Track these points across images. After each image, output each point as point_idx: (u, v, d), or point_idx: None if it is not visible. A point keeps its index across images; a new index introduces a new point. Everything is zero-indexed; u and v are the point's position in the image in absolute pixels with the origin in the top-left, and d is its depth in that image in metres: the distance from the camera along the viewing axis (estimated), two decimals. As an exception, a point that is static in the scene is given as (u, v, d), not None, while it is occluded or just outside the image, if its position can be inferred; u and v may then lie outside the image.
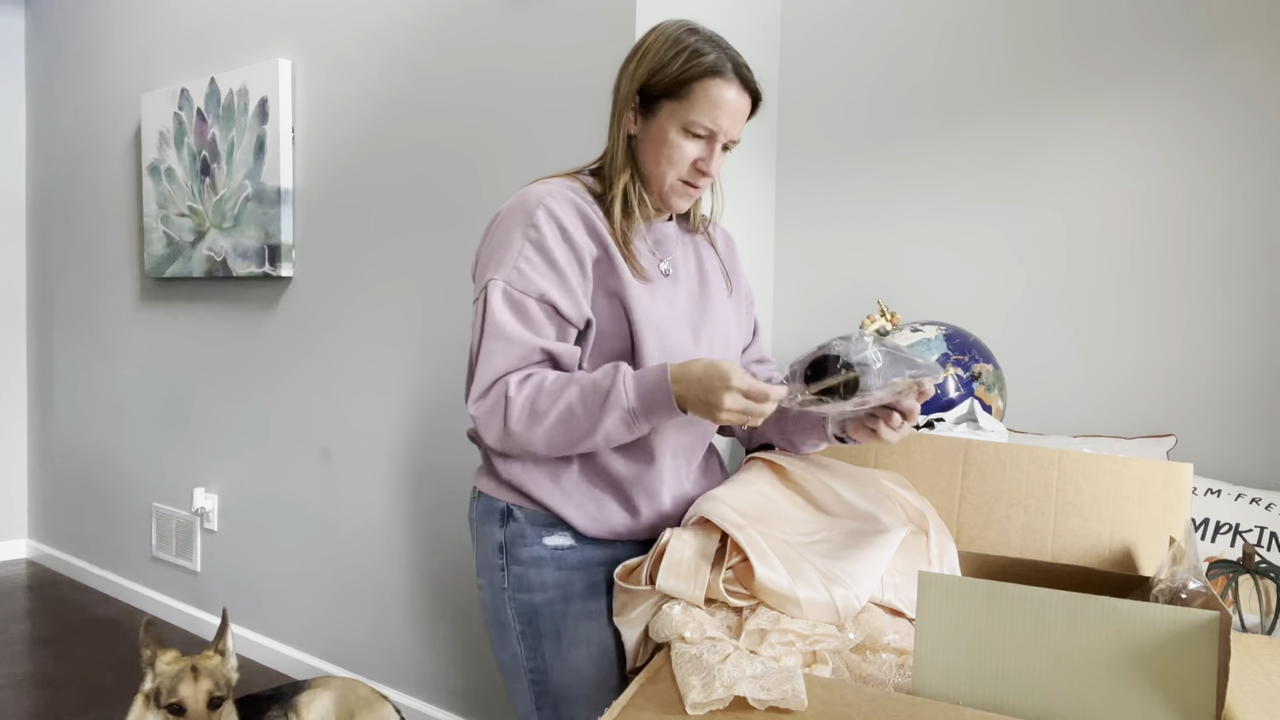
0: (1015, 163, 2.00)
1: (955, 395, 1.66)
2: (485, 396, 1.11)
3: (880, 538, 1.11)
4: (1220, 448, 1.77)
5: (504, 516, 1.19)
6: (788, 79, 2.32)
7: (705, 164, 1.17)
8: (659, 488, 1.20)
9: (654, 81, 1.15)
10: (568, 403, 1.07)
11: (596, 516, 1.17)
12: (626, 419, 1.06)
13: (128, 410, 3.34)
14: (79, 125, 3.55)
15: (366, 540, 2.50)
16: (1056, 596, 0.80)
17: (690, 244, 1.31)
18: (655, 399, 1.05)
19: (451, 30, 2.21)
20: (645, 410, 1.06)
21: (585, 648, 1.16)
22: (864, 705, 0.80)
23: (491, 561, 1.20)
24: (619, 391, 1.06)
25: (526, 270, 1.11)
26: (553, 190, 1.15)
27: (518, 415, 1.09)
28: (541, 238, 1.11)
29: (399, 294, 2.38)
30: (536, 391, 1.09)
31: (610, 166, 1.20)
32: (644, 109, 1.17)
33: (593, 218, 1.16)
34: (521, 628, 1.18)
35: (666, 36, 1.16)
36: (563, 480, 1.17)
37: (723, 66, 1.14)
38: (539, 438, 1.09)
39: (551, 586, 1.17)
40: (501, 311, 1.10)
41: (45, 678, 2.68)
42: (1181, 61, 1.81)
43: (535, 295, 1.10)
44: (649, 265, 1.20)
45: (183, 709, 1.57)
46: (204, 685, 1.60)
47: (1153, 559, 1.18)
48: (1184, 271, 1.81)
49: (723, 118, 1.14)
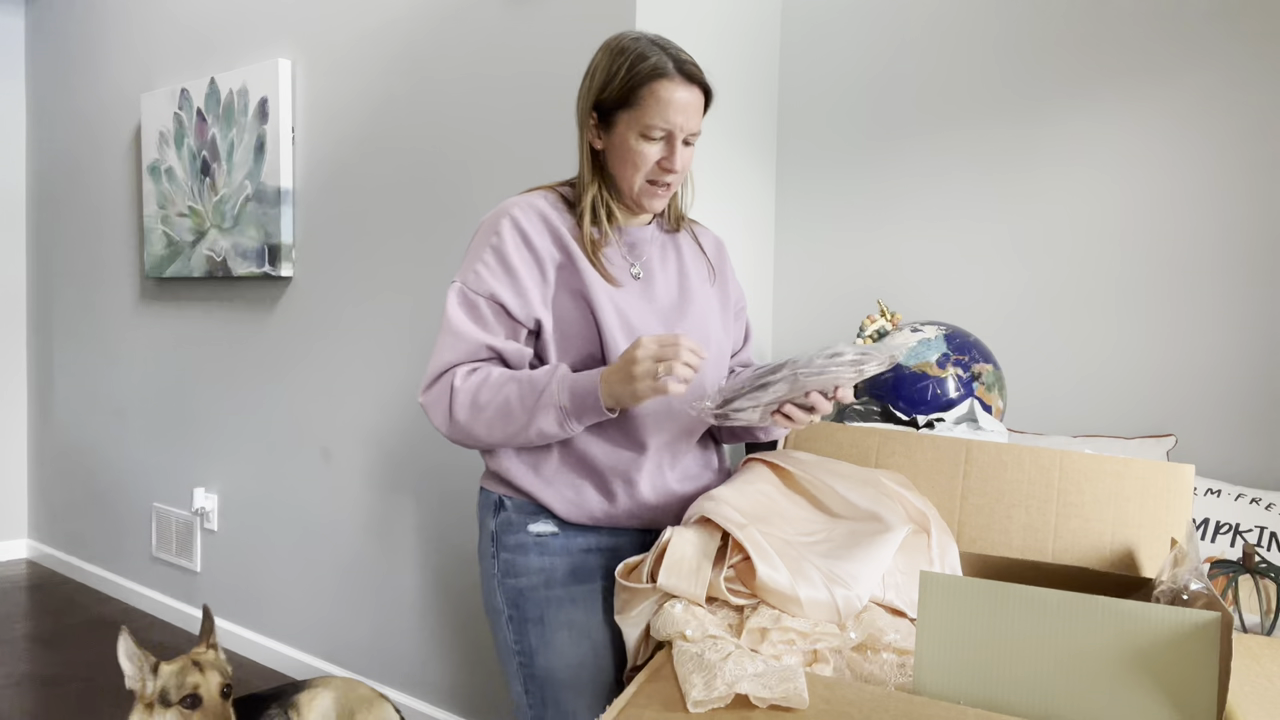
0: (1015, 162, 2.00)
1: (955, 395, 1.66)
2: (432, 386, 1.19)
3: (881, 537, 1.11)
4: (1220, 448, 1.77)
5: (496, 507, 1.27)
6: (788, 79, 2.32)
7: (669, 162, 1.21)
8: (637, 477, 1.24)
9: (605, 95, 1.20)
10: (506, 397, 1.14)
11: (575, 502, 1.23)
12: (559, 417, 1.13)
13: (127, 410, 3.34)
14: (79, 125, 3.55)
15: (366, 540, 2.50)
16: (1058, 597, 0.80)
17: (670, 244, 1.34)
18: (585, 402, 1.12)
19: (451, 30, 2.21)
20: (576, 410, 1.13)
21: (568, 631, 1.22)
22: (865, 704, 0.80)
23: (486, 550, 1.28)
24: (551, 391, 1.13)
25: (482, 273, 1.19)
26: (522, 201, 1.24)
27: (460, 404, 1.16)
28: (501, 243, 1.20)
29: (399, 294, 2.38)
30: (480, 385, 1.16)
31: (580, 181, 1.27)
32: (603, 123, 1.23)
33: (559, 226, 1.23)
34: (510, 612, 1.24)
35: (609, 49, 1.22)
36: (543, 469, 1.23)
37: (664, 67, 1.17)
38: (480, 427, 1.16)
39: (535, 571, 1.23)
40: (455, 310, 1.19)
41: (45, 678, 2.68)
42: (1180, 61, 1.81)
43: (486, 295, 1.19)
44: (619, 270, 1.25)
45: (199, 699, 1.58)
46: (212, 675, 1.61)
47: (1154, 560, 1.18)
48: (1184, 271, 1.81)
49: (674, 115, 1.18)
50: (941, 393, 1.66)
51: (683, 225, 1.37)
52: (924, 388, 1.67)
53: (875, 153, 2.20)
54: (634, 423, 1.22)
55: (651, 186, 1.23)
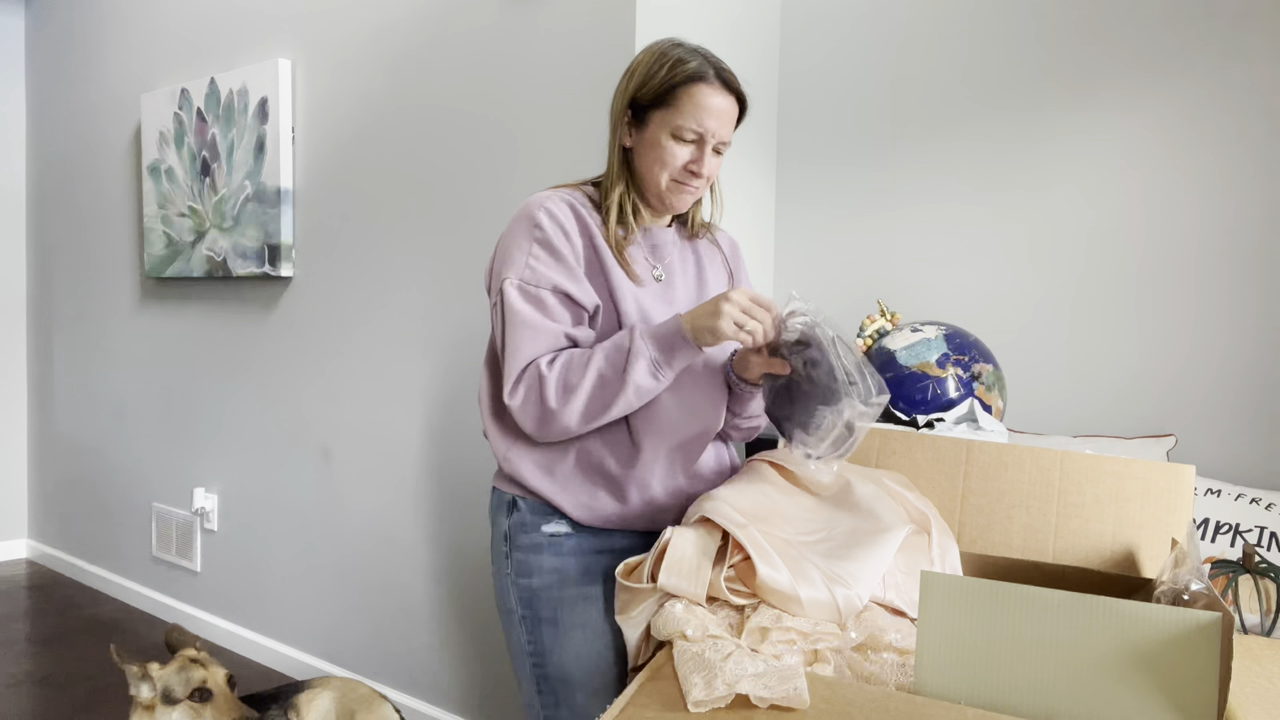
0: (1015, 163, 2.00)
1: (955, 395, 1.66)
2: (519, 383, 1.17)
3: (882, 537, 1.11)
4: (1220, 448, 1.77)
5: (510, 508, 1.27)
6: (788, 79, 2.32)
7: (697, 165, 1.22)
8: (650, 480, 1.25)
9: (643, 93, 1.22)
10: (597, 369, 1.14)
11: (589, 505, 1.24)
12: (651, 367, 1.14)
13: (127, 410, 3.34)
14: (79, 125, 3.55)
15: (366, 540, 2.49)
16: (1059, 597, 0.80)
17: (690, 249, 1.36)
18: (672, 343, 1.13)
19: (451, 30, 2.21)
20: (665, 354, 1.14)
21: (581, 631, 1.22)
22: (866, 704, 0.80)
23: (499, 550, 1.28)
24: (638, 346, 1.14)
25: (537, 266, 1.18)
26: (551, 196, 1.24)
27: (553, 391, 1.15)
28: (546, 235, 1.19)
29: (399, 293, 2.38)
30: (565, 367, 1.16)
31: (608, 178, 1.27)
32: (636, 120, 1.24)
33: (589, 222, 1.23)
34: (523, 612, 1.25)
35: (652, 51, 1.24)
36: (557, 472, 1.24)
37: (705, 72, 1.19)
38: (575, 410, 1.15)
39: (548, 571, 1.23)
40: (521, 305, 1.17)
41: (45, 678, 2.68)
42: (1182, 60, 1.81)
43: (549, 287, 1.18)
44: (643, 269, 1.27)
45: (209, 693, 1.58)
46: (215, 669, 1.62)
47: (1155, 561, 1.18)
48: (1184, 271, 1.81)
49: (708, 120, 1.20)
50: (941, 393, 1.66)
51: (702, 232, 1.39)
52: (924, 388, 1.67)
53: (875, 153, 2.20)
54: (648, 424, 1.23)
55: (677, 185, 1.24)
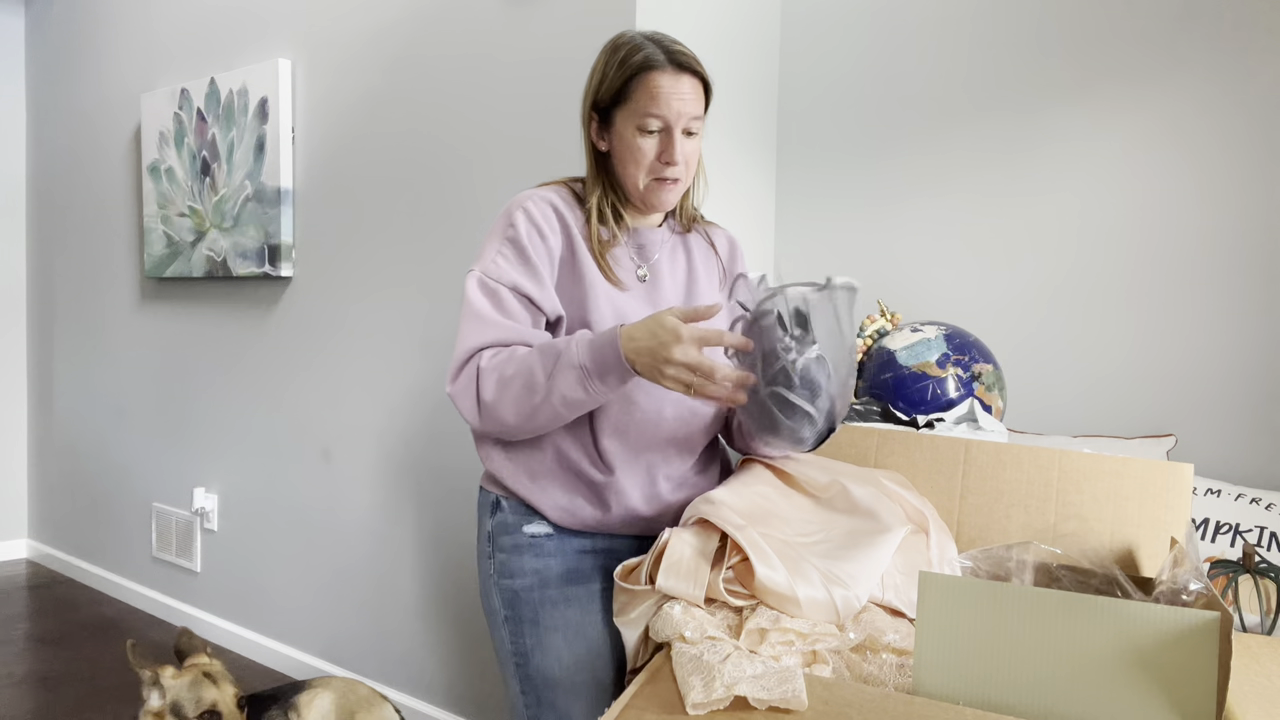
0: (1014, 163, 2.00)
1: (955, 395, 1.66)
2: (460, 372, 1.16)
3: (880, 537, 1.11)
4: (1220, 448, 1.77)
5: (494, 508, 1.27)
6: (788, 79, 2.32)
7: (668, 154, 1.19)
8: (628, 489, 1.23)
9: (602, 94, 1.20)
10: (529, 367, 1.10)
11: (568, 509, 1.23)
12: (580, 377, 1.08)
13: (127, 410, 3.34)
14: (79, 125, 3.55)
15: (366, 540, 2.49)
16: (1057, 596, 0.80)
17: (681, 246, 1.33)
18: (605, 356, 1.06)
19: (451, 30, 2.21)
20: (597, 368, 1.07)
21: (562, 633, 1.21)
22: (864, 705, 0.80)
23: (483, 551, 1.28)
24: (571, 352, 1.08)
25: (501, 263, 1.18)
26: (534, 194, 1.23)
27: (488, 384, 1.13)
28: (518, 235, 1.19)
29: (399, 293, 2.38)
30: (505, 361, 1.13)
31: (586, 183, 1.26)
32: (603, 123, 1.22)
33: (569, 220, 1.22)
34: (506, 613, 1.24)
35: (605, 50, 1.22)
36: (538, 475, 1.23)
37: (655, 58, 1.16)
38: (508, 406, 1.12)
39: (530, 572, 1.23)
40: (476, 296, 1.17)
41: (45, 678, 2.68)
42: (1181, 60, 1.81)
43: (509, 285, 1.17)
44: (625, 271, 1.25)
45: (219, 715, 1.57)
46: (226, 688, 1.60)
47: (1153, 560, 1.18)
48: (1184, 271, 1.81)
49: (669, 107, 1.16)
50: (941, 393, 1.66)
51: (695, 226, 1.36)
52: (924, 388, 1.67)
53: (875, 153, 2.19)
54: (624, 433, 1.21)
55: (657, 183, 1.21)
